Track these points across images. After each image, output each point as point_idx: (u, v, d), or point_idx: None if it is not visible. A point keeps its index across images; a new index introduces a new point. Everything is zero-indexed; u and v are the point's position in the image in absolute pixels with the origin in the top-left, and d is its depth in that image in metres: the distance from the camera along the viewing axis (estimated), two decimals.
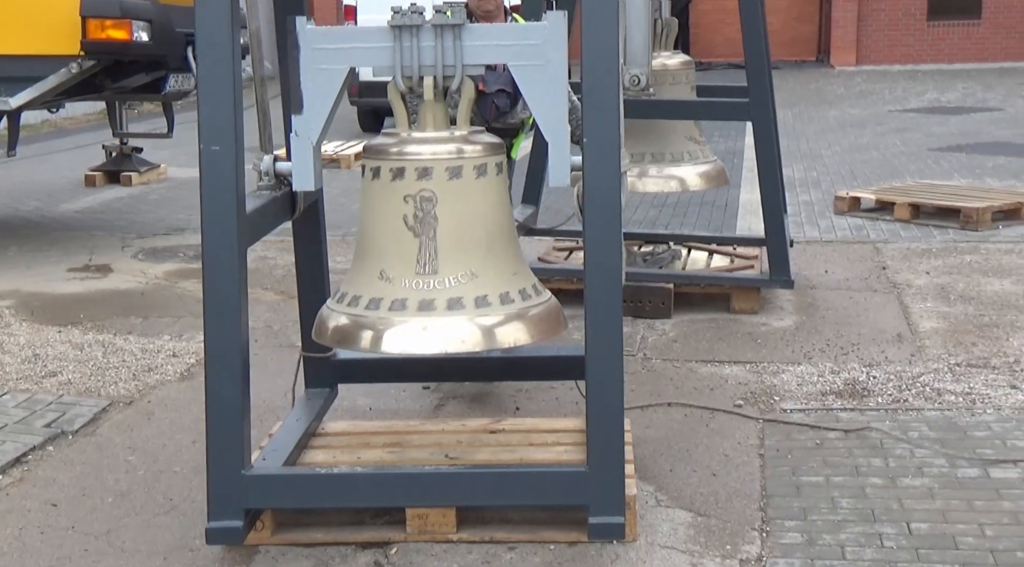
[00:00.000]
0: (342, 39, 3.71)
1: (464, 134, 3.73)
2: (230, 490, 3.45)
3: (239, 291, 3.43)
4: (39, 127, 15.55)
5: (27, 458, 4.52)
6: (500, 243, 3.74)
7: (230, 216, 3.39)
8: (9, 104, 7.39)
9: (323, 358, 4.52)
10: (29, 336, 6.08)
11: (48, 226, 9.18)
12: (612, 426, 3.41)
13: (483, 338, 3.62)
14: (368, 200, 3.75)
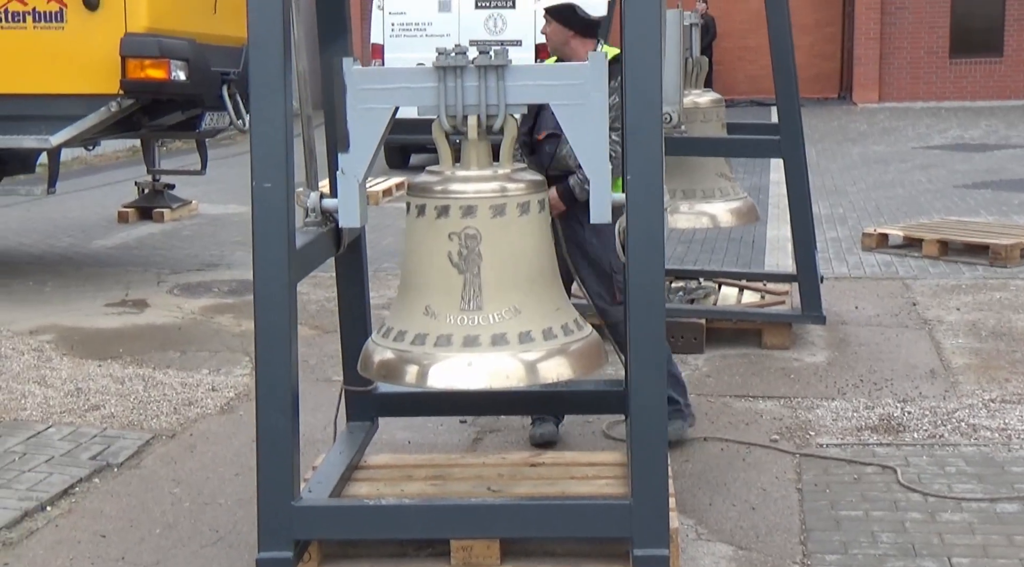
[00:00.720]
0: (388, 80, 3.80)
1: (507, 172, 3.80)
2: (280, 521, 3.51)
3: (289, 326, 3.50)
4: (70, 164, 15.70)
5: (75, 490, 4.59)
6: (542, 279, 3.80)
7: (281, 252, 3.46)
8: (50, 142, 7.51)
9: (364, 392, 4.58)
10: (71, 370, 6.17)
11: (83, 262, 9.30)
12: (656, 459, 3.46)
13: (527, 373, 3.67)
14: (413, 237, 3.82)
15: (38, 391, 5.78)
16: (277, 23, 3.45)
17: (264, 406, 3.52)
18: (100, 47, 7.35)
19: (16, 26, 7.53)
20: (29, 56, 7.49)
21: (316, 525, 3.57)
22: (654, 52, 3.45)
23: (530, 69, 3.84)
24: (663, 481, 3.49)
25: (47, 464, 4.80)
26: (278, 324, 3.49)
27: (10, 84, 7.56)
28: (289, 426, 3.52)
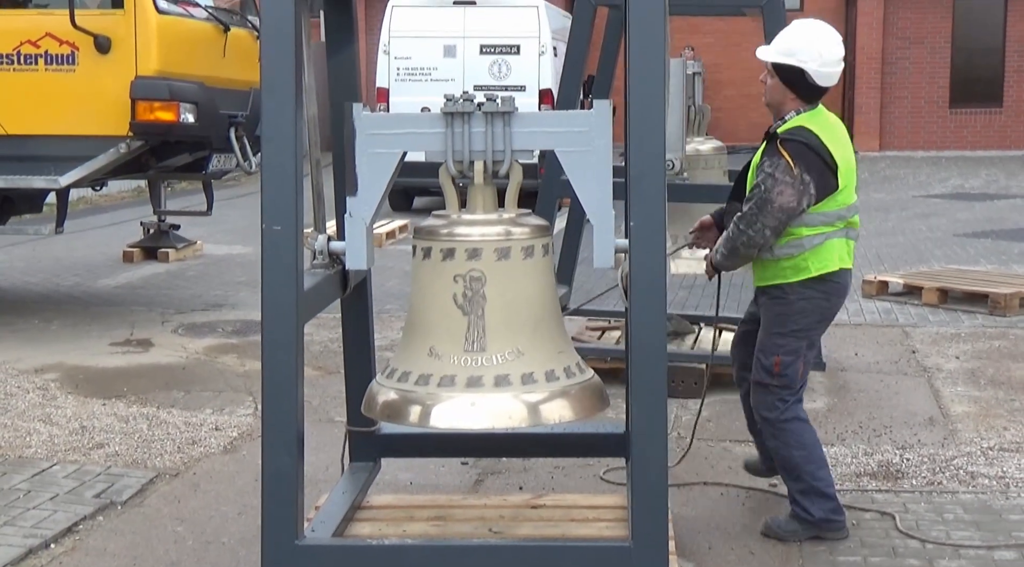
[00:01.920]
0: (396, 125, 3.87)
1: (512, 216, 3.87)
2: (284, 560, 3.54)
3: (296, 367, 3.56)
4: (76, 204, 15.78)
5: (78, 527, 4.62)
6: (546, 322, 3.86)
7: (290, 294, 3.52)
8: (59, 183, 7.60)
9: (368, 432, 4.62)
10: (75, 408, 6.21)
11: (88, 301, 9.36)
12: (655, 502, 3.50)
13: (529, 414, 3.72)
14: (419, 279, 3.88)
15: (43, 429, 5.82)
16: (289, 70, 3.53)
17: (270, 446, 3.57)
18: (111, 89, 7.45)
19: (28, 68, 7.64)
20: (40, 98, 7.59)
21: (319, 564, 3.61)
22: (658, 105, 3.51)
23: (536, 116, 3.91)
24: (663, 524, 3.52)
25: (51, 501, 4.84)
26: (285, 365, 3.55)
27: (21, 125, 7.66)
28: (294, 466, 3.56)
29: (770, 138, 4.37)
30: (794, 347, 4.43)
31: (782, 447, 4.46)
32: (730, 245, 4.42)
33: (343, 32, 4.30)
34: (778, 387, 4.44)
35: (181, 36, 7.75)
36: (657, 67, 3.51)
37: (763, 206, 4.28)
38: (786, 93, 4.43)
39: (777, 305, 4.45)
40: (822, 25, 4.50)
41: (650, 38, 3.49)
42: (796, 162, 4.27)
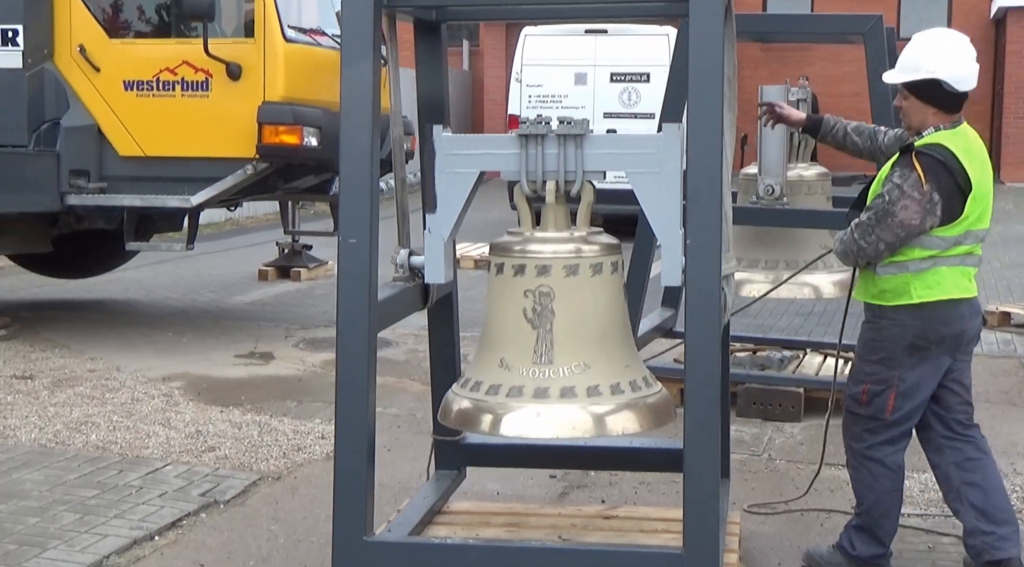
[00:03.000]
0: (474, 146, 4.07)
1: (583, 235, 4.02)
2: (352, 556, 3.75)
3: (368, 372, 3.77)
4: (222, 225, 16.51)
5: (182, 522, 4.93)
6: (613, 337, 3.99)
7: (363, 304, 3.75)
8: (191, 202, 8.03)
9: (453, 441, 4.82)
10: (194, 414, 6.57)
11: (221, 316, 9.82)
12: (707, 513, 3.60)
13: (593, 425, 3.86)
14: (492, 293, 4.06)
15: (161, 432, 6.18)
16: (367, 94, 3.76)
17: (342, 447, 3.79)
18: (240, 114, 7.85)
19: (166, 94, 8.10)
20: (176, 122, 8.04)
21: (385, 560, 3.80)
22: (714, 126, 3.62)
23: (607, 139, 4.06)
24: (714, 534, 3.62)
25: (160, 498, 5.16)
26: (358, 371, 3.77)
27: (158, 147, 8.13)
28: (364, 466, 3.77)
29: (904, 149, 4.16)
30: (884, 377, 4.25)
31: (857, 482, 4.40)
32: (842, 249, 4.30)
33: (431, 59, 4.51)
34: (865, 417, 4.33)
35: (307, 63, 8.11)
36: (714, 90, 3.62)
37: (883, 218, 4.10)
38: (926, 110, 4.21)
39: (870, 330, 4.32)
40: (943, 31, 4.34)
41: (707, 62, 3.61)
42: (928, 178, 4.06)
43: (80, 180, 8.15)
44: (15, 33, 8.19)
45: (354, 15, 3.75)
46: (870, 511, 4.37)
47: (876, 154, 4.70)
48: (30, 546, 4.56)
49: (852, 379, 4.42)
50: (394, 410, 6.78)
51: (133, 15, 8.43)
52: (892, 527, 4.41)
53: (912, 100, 4.23)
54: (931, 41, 4.25)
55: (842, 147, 4.83)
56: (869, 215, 4.18)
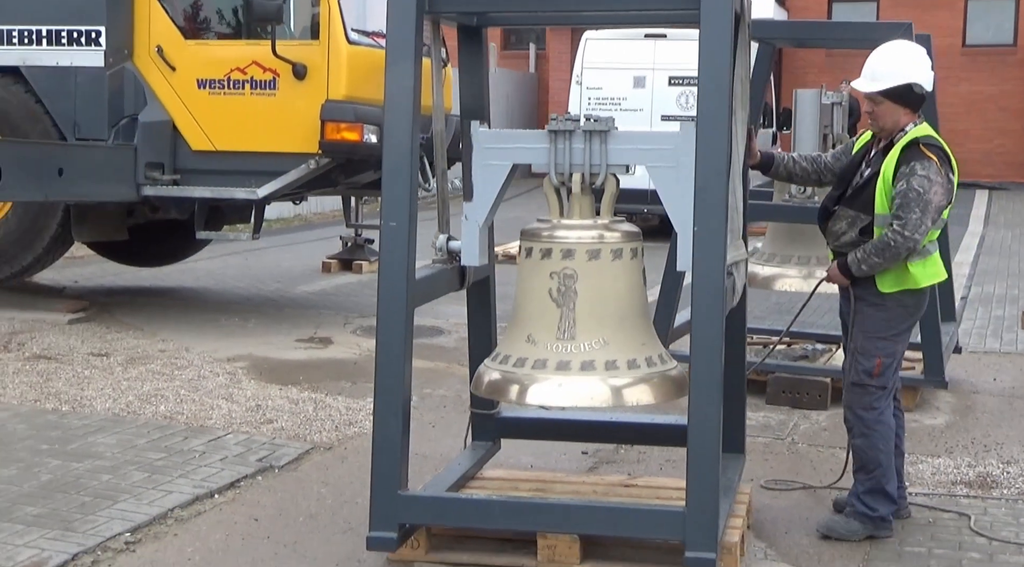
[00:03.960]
0: (507, 140, 4.48)
1: (606, 223, 4.40)
2: (388, 507, 4.17)
3: (405, 343, 4.18)
4: (290, 220, 17.08)
5: (239, 484, 5.37)
6: (632, 316, 4.37)
7: (401, 282, 4.16)
8: (257, 194, 8.53)
9: (488, 414, 5.21)
10: (255, 391, 7.03)
11: (284, 304, 10.31)
12: (708, 476, 3.96)
13: (610, 396, 4.24)
14: (522, 275, 4.46)
15: (224, 406, 6.65)
16: (408, 93, 4.18)
17: (380, 410, 4.21)
18: (304, 112, 8.32)
19: (236, 92, 8.60)
20: (244, 118, 8.53)
21: (416, 512, 4.22)
22: (721, 124, 3.98)
23: (629, 135, 4.44)
24: (714, 495, 3.98)
25: (220, 462, 5.61)
26: (396, 341, 4.18)
27: (227, 142, 8.63)
28: (399, 428, 4.18)
29: (910, 144, 4.60)
30: (892, 350, 4.75)
31: (868, 446, 4.76)
32: (890, 253, 4.58)
33: (472, 61, 4.91)
34: (876, 388, 4.74)
35: (369, 64, 8.56)
36: (722, 91, 3.98)
37: (926, 208, 4.50)
38: (899, 111, 4.69)
39: (876, 310, 4.73)
40: (905, 42, 4.93)
41: (716, 65, 3.98)
42: (943, 163, 4.57)
43: (155, 172, 8.68)
44: (98, 34, 8.74)
45: (397, 19, 4.18)
46: (886, 470, 4.72)
47: (823, 174, 5.14)
48: (103, 499, 5.03)
49: (863, 355, 4.76)
50: (442, 392, 7.19)
51: (207, 18, 8.95)
52: (896, 480, 4.81)
53: (887, 104, 4.69)
54: (902, 51, 4.79)
55: (791, 177, 5.26)
56: (912, 211, 4.52)
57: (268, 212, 16.71)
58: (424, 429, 6.39)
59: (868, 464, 4.77)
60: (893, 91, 4.69)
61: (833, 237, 4.89)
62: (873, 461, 4.75)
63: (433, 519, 4.30)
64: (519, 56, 27.54)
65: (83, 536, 4.61)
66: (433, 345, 8.54)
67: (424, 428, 6.40)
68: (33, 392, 6.81)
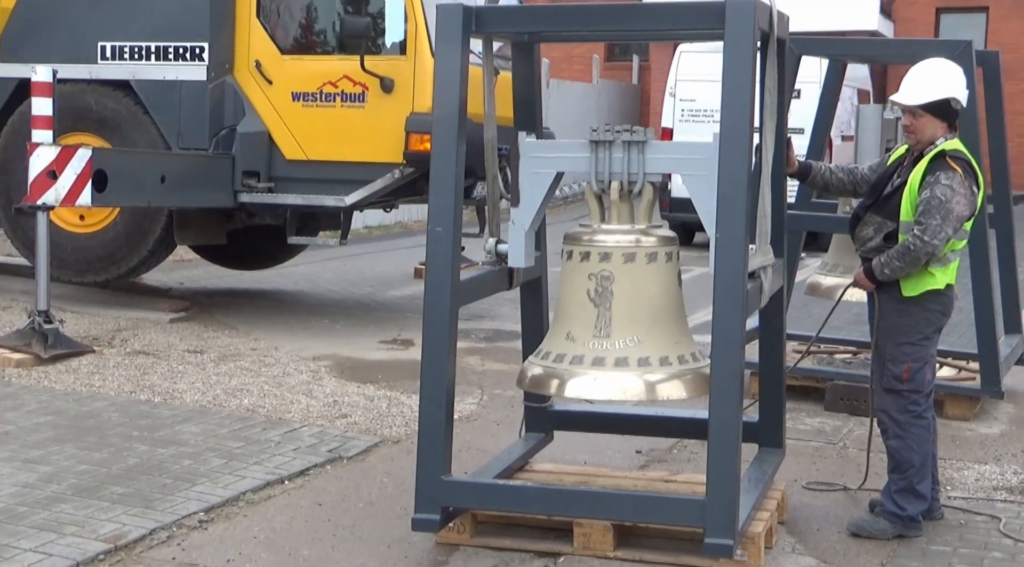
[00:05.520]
0: (552, 150, 4.79)
1: (643, 228, 4.67)
2: (432, 491, 4.49)
3: (449, 339, 4.50)
4: (390, 227, 17.58)
5: (309, 472, 5.75)
6: (665, 316, 4.62)
7: (446, 282, 4.49)
8: (344, 201, 8.96)
9: (541, 408, 5.52)
10: (334, 388, 7.44)
11: (373, 307, 10.74)
12: (728, 467, 4.20)
13: (643, 390, 4.51)
14: (564, 276, 4.76)
15: (303, 401, 7.06)
16: (455, 101, 4.51)
17: (426, 400, 4.54)
18: (390, 123, 8.72)
19: (328, 105, 9.05)
20: (335, 129, 8.98)
21: (458, 496, 4.54)
22: (743, 136, 4.22)
23: (665, 145, 4.70)
24: (733, 486, 4.22)
25: (293, 452, 6.01)
26: (441, 337, 4.51)
27: (318, 152, 9.08)
28: (443, 416, 4.51)
29: (937, 156, 4.83)
30: (920, 355, 4.94)
31: (903, 448, 4.94)
32: (910, 257, 4.80)
33: (525, 73, 5.22)
34: (908, 392, 4.94)
35: None
36: (743, 104, 4.22)
37: (947, 216, 4.74)
38: (937, 125, 4.91)
39: (902, 316, 4.94)
40: (944, 60, 5.08)
41: (738, 81, 4.23)
42: (967, 176, 4.81)
43: (251, 180, 9.18)
44: (201, 50, 9.27)
45: (445, 38, 4.52)
46: (920, 470, 4.90)
47: (859, 185, 5.34)
48: (183, 481, 5.46)
49: (892, 361, 4.96)
50: (512, 393, 7.48)
51: (302, 35, 9.42)
52: (931, 481, 4.97)
53: (927, 118, 4.90)
54: (942, 68, 4.97)
55: (828, 187, 5.46)
56: (932, 218, 4.75)
57: (369, 219, 17.34)
58: (489, 426, 6.71)
59: (902, 464, 4.94)
60: (933, 105, 4.90)
61: (860, 242, 5.11)
62: (907, 462, 4.92)
63: (473, 503, 4.62)
64: (622, 67, 27.80)
65: (161, 514, 5.03)
66: (510, 348, 8.84)
67: (489, 425, 6.73)
68: (130, 384, 7.31)
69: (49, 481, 5.37)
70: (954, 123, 4.98)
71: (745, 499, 4.51)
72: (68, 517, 4.93)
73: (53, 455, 5.77)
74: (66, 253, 9.45)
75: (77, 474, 5.49)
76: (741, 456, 4.28)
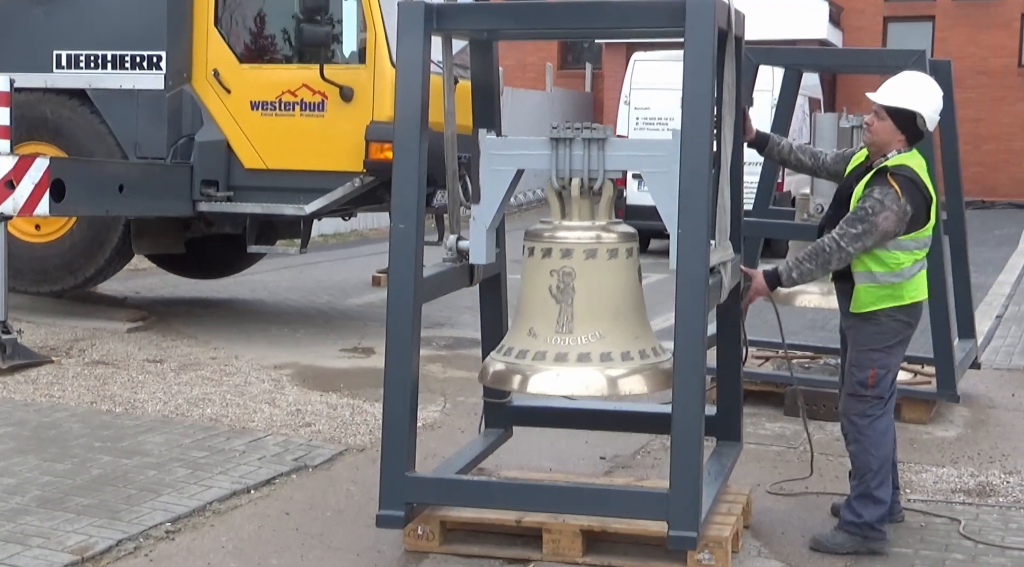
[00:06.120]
0: (513, 147, 4.84)
1: (603, 224, 4.69)
2: (395, 487, 4.53)
3: (413, 335, 4.53)
4: (346, 235, 17.57)
5: (275, 481, 5.75)
6: (626, 311, 4.65)
7: (410, 278, 4.53)
8: (304, 210, 8.96)
9: (500, 403, 5.56)
10: (296, 397, 7.44)
11: (332, 315, 10.74)
12: (691, 461, 4.23)
13: (605, 385, 4.55)
14: (525, 273, 4.79)
15: (267, 410, 7.05)
16: (416, 106, 4.55)
17: (390, 397, 4.57)
18: (349, 132, 8.73)
19: (287, 114, 9.04)
20: (294, 138, 8.98)
21: (422, 492, 4.59)
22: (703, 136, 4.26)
23: (625, 143, 4.75)
24: (695, 480, 4.24)
25: (259, 461, 6.00)
26: (404, 333, 4.55)
27: (278, 161, 9.07)
28: (407, 413, 4.54)
29: (879, 171, 4.87)
30: (886, 362, 4.98)
31: (860, 452, 5.00)
32: (821, 259, 4.85)
33: (485, 73, 5.26)
34: (871, 397, 4.98)
35: None
36: (704, 101, 4.25)
37: (870, 229, 4.77)
38: (895, 134, 4.91)
39: (871, 326, 4.97)
40: (929, 78, 5.10)
41: (700, 78, 4.26)
42: (903, 193, 4.81)
43: (210, 189, 9.15)
44: (159, 59, 9.23)
45: (406, 36, 4.60)
46: (877, 474, 4.93)
47: (818, 171, 5.39)
48: (148, 491, 5.44)
49: (857, 367, 5.01)
50: (474, 400, 7.47)
51: (260, 43, 9.41)
52: (889, 488, 5.01)
53: (887, 122, 4.92)
54: (923, 82, 5.01)
55: (785, 162, 5.49)
56: (855, 226, 4.81)
57: (326, 227, 17.32)
58: (454, 434, 6.74)
59: (860, 469, 4.99)
60: (896, 111, 4.89)
61: (810, 281, 5.11)
62: (864, 466, 4.97)
63: (437, 498, 4.67)
64: (576, 75, 27.94)
65: (127, 525, 5.01)
66: (472, 356, 8.86)
67: (454, 433, 6.76)
68: (90, 394, 7.26)
69: (12, 493, 5.34)
70: (912, 142, 4.97)
71: (706, 492, 4.60)
72: (34, 529, 4.90)
73: (16, 466, 5.73)
74: (22, 263, 9.37)
75: (41, 485, 5.46)
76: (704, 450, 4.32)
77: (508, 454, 5.79)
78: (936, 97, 4.99)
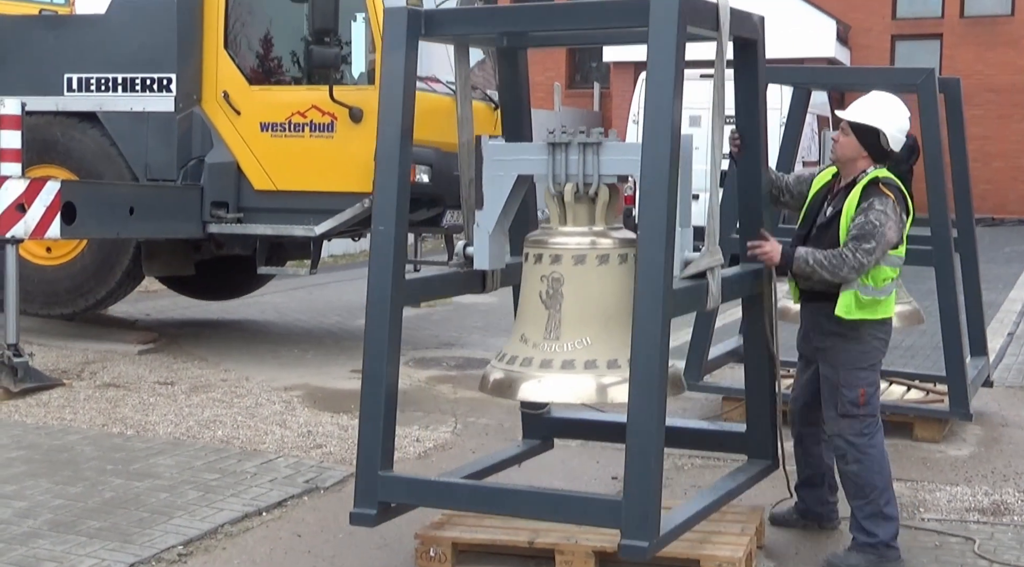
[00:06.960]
0: (512, 153, 4.84)
1: (600, 229, 4.63)
2: (369, 486, 4.53)
3: (390, 337, 4.54)
4: (356, 256, 17.58)
5: (287, 503, 5.74)
6: (615, 318, 4.55)
7: (388, 279, 4.53)
8: (314, 231, 8.97)
9: (537, 414, 5.55)
10: (307, 418, 7.43)
11: (343, 336, 10.73)
12: (647, 469, 4.14)
13: (593, 393, 4.49)
14: (523, 278, 4.78)
15: (278, 431, 7.05)
16: (398, 110, 4.63)
17: (366, 397, 4.57)
18: (359, 153, 8.74)
19: (296, 135, 9.07)
20: (304, 159, 9.00)
21: (393, 492, 4.59)
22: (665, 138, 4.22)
23: (620, 146, 4.68)
24: (651, 487, 4.15)
25: (270, 483, 6.00)
26: (381, 335, 4.55)
27: (288, 182, 9.09)
28: (383, 414, 4.53)
29: (870, 182, 4.89)
30: (873, 379, 5.02)
31: (864, 471, 4.94)
32: (836, 262, 4.80)
33: (513, 86, 5.28)
34: (864, 416, 4.96)
35: (421, 107, 8.74)
36: (665, 112, 4.21)
37: (880, 241, 4.79)
38: (859, 151, 4.95)
39: (855, 344, 4.96)
40: (897, 99, 5.11)
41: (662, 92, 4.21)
42: (898, 203, 4.88)
43: (220, 210, 9.17)
44: (169, 81, 9.27)
45: (391, 43, 4.65)
46: (884, 492, 4.91)
47: (782, 192, 5.33)
48: (160, 514, 5.43)
49: (846, 387, 4.98)
50: (485, 420, 7.52)
51: (270, 65, 9.44)
52: (895, 500, 4.99)
53: (851, 138, 4.98)
54: (889, 102, 5.03)
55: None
56: (867, 241, 4.80)
57: (335, 248, 17.34)
58: (465, 454, 6.72)
59: (865, 488, 4.93)
60: (862, 129, 4.93)
61: (804, 277, 5.01)
62: (870, 485, 4.92)
63: (406, 498, 4.67)
64: (584, 95, 28.01)
65: (139, 548, 5.00)
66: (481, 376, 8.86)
67: (465, 453, 6.73)
68: (102, 417, 7.27)
69: (25, 516, 5.34)
70: (878, 160, 4.97)
71: (694, 506, 4.60)
72: (46, 553, 4.90)
73: (28, 490, 5.73)
74: (33, 285, 9.39)
75: (53, 509, 5.46)
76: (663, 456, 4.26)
77: (517, 472, 5.75)
78: (901, 117, 5.01)
